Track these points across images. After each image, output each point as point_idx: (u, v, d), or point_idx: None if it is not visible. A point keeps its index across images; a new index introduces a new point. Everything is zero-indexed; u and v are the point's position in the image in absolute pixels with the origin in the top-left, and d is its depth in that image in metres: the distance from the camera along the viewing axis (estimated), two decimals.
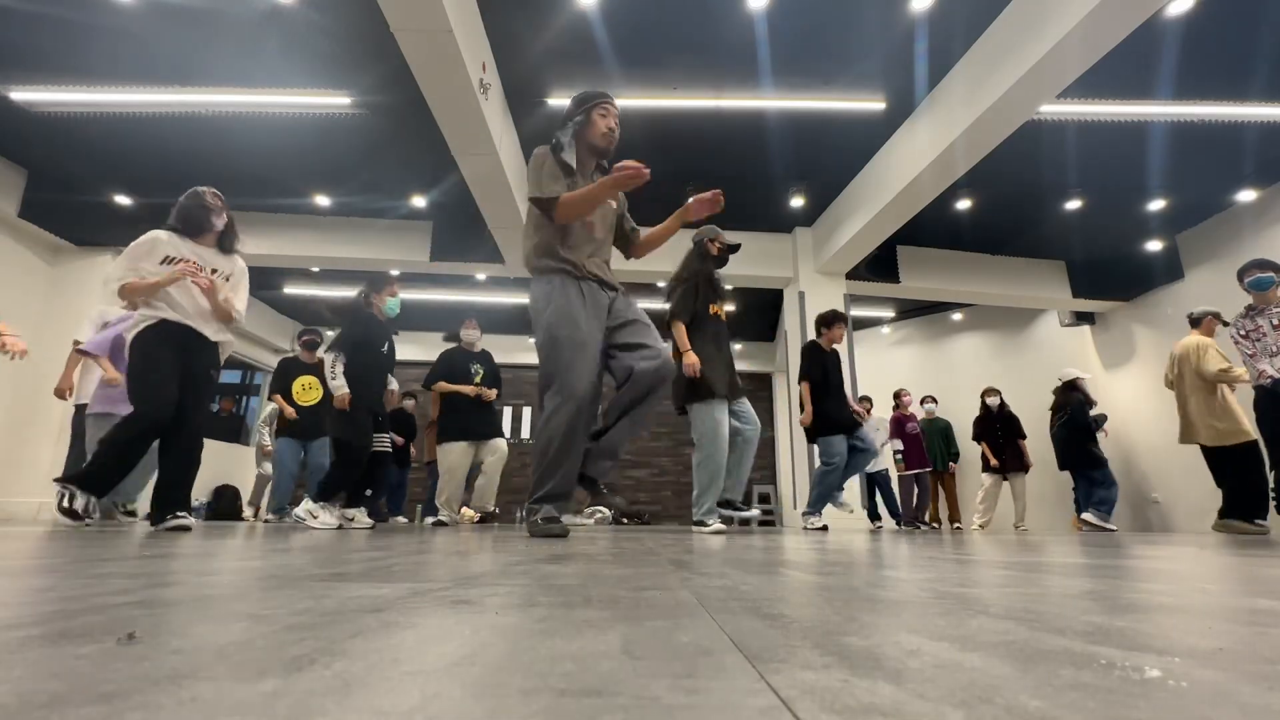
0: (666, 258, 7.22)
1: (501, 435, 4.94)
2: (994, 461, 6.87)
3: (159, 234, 2.84)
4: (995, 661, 0.37)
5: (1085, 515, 5.59)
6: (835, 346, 4.77)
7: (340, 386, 3.49)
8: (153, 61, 4.77)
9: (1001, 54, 4.27)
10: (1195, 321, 4.78)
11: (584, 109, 2.61)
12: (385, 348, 3.77)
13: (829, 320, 4.77)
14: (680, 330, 3.75)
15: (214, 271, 2.93)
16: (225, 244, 3.02)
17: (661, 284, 8.30)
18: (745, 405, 3.89)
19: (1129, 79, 4.74)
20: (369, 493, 3.76)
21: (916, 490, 7.20)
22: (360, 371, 3.56)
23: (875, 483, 7.15)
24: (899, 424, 7.32)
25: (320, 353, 3.74)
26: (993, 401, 6.92)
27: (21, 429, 6.28)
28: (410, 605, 0.57)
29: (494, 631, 0.45)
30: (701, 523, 3.55)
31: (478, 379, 4.94)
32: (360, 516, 3.58)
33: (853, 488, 6.59)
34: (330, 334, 4.13)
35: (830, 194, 6.74)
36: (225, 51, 4.69)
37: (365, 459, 3.55)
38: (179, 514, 2.64)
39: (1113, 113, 5.09)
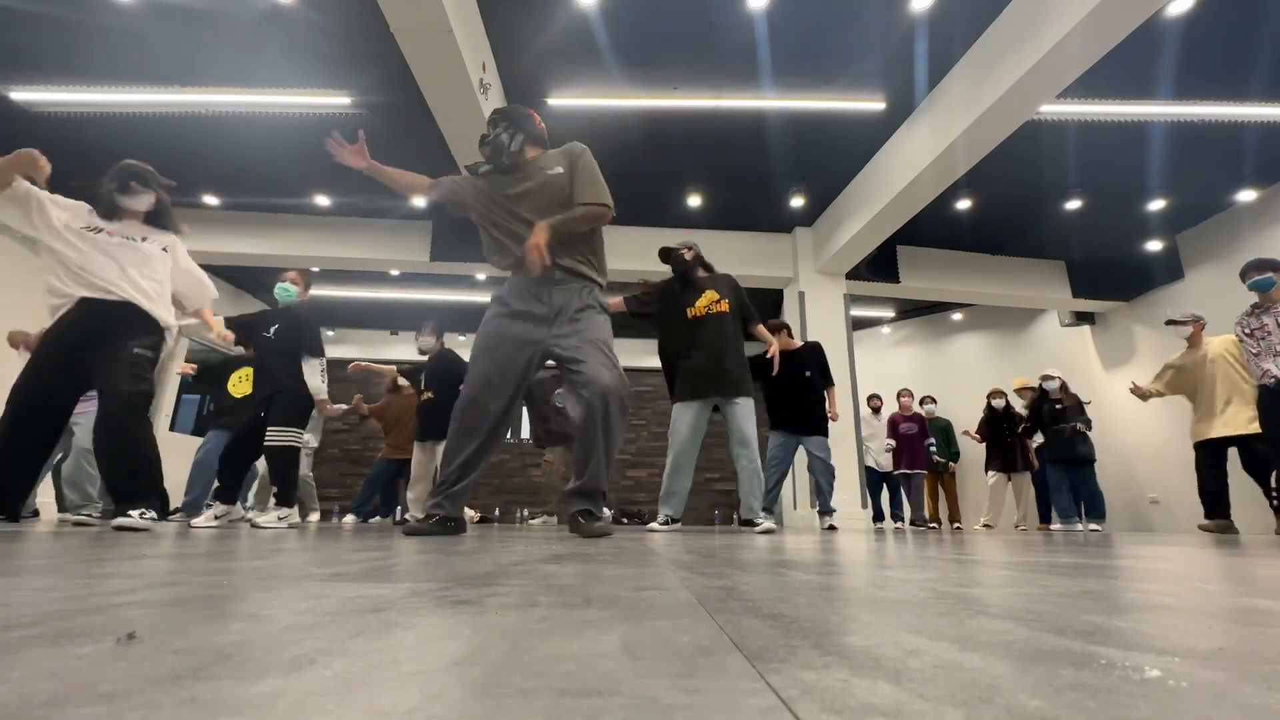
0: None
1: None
2: (991, 461, 6.88)
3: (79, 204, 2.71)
4: (995, 661, 0.37)
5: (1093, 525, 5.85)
6: (793, 349, 4.82)
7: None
8: (153, 61, 4.77)
9: (1001, 54, 4.26)
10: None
11: None
12: (270, 333, 3.68)
13: (776, 329, 4.69)
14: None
15: (144, 240, 2.77)
16: (156, 221, 2.86)
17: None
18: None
19: (1129, 79, 4.74)
20: (274, 489, 3.60)
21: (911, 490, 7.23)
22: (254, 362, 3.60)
23: (887, 483, 7.18)
24: (894, 424, 7.33)
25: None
26: (998, 403, 6.93)
27: None
28: (410, 605, 0.57)
29: (494, 631, 0.45)
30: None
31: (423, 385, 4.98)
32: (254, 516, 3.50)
33: (853, 488, 6.59)
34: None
35: (830, 194, 6.74)
36: (225, 51, 4.69)
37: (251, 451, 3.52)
38: (130, 511, 2.45)
39: (1113, 113, 5.09)
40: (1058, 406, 6.06)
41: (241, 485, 3.69)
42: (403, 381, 5.84)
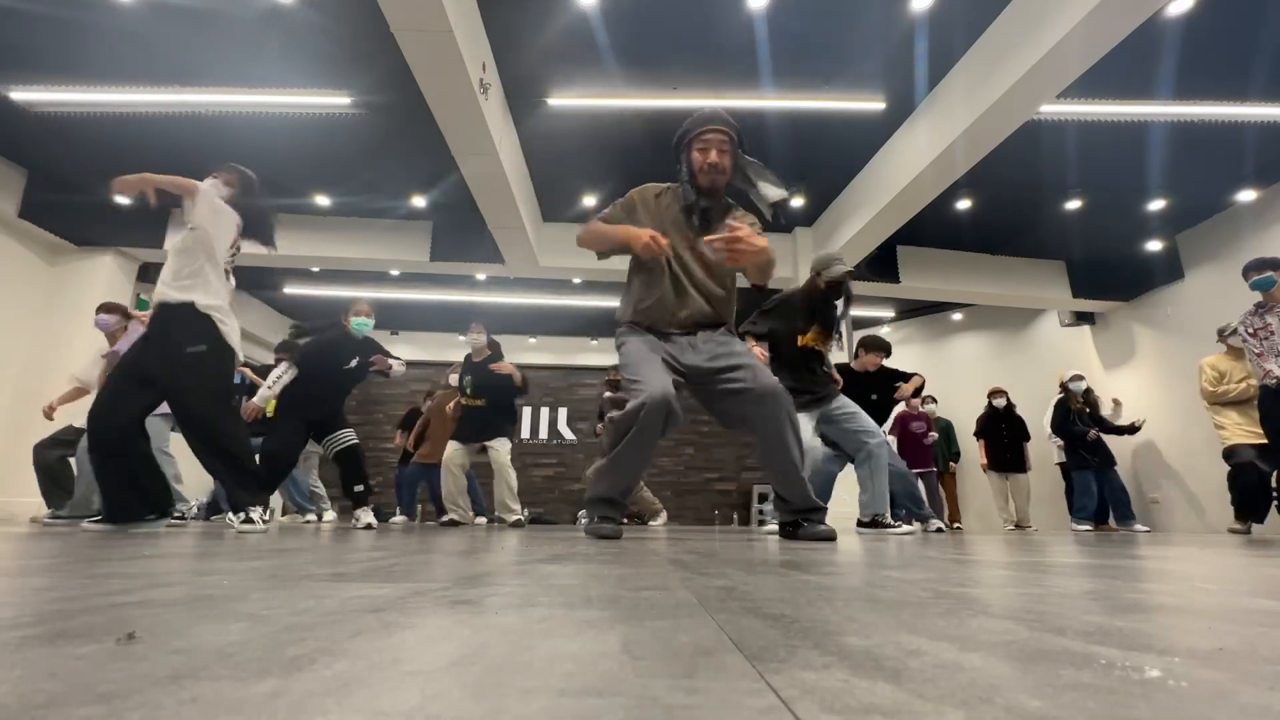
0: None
1: (493, 438, 4.98)
2: (983, 460, 6.89)
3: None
4: (995, 661, 0.37)
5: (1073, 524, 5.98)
6: (868, 370, 4.44)
7: (268, 397, 3.68)
8: (153, 61, 4.77)
9: (1001, 54, 4.26)
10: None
11: (682, 148, 2.39)
12: (353, 364, 3.89)
13: (867, 346, 4.46)
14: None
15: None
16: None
17: None
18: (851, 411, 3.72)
19: (1129, 79, 4.73)
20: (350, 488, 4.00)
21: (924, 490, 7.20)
22: (305, 386, 3.72)
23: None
24: (902, 422, 7.29)
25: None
26: (999, 402, 6.94)
27: (22, 429, 6.28)
28: (410, 605, 0.57)
29: (494, 631, 0.45)
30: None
31: (469, 390, 5.00)
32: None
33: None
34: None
35: (830, 194, 6.74)
36: (225, 51, 4.68)
37: (284, 468, 3.74)
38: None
39: (1113, 113, 5.09)
40: (1086, 410, 6.14)
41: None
42: (454, 381, 5.70)
